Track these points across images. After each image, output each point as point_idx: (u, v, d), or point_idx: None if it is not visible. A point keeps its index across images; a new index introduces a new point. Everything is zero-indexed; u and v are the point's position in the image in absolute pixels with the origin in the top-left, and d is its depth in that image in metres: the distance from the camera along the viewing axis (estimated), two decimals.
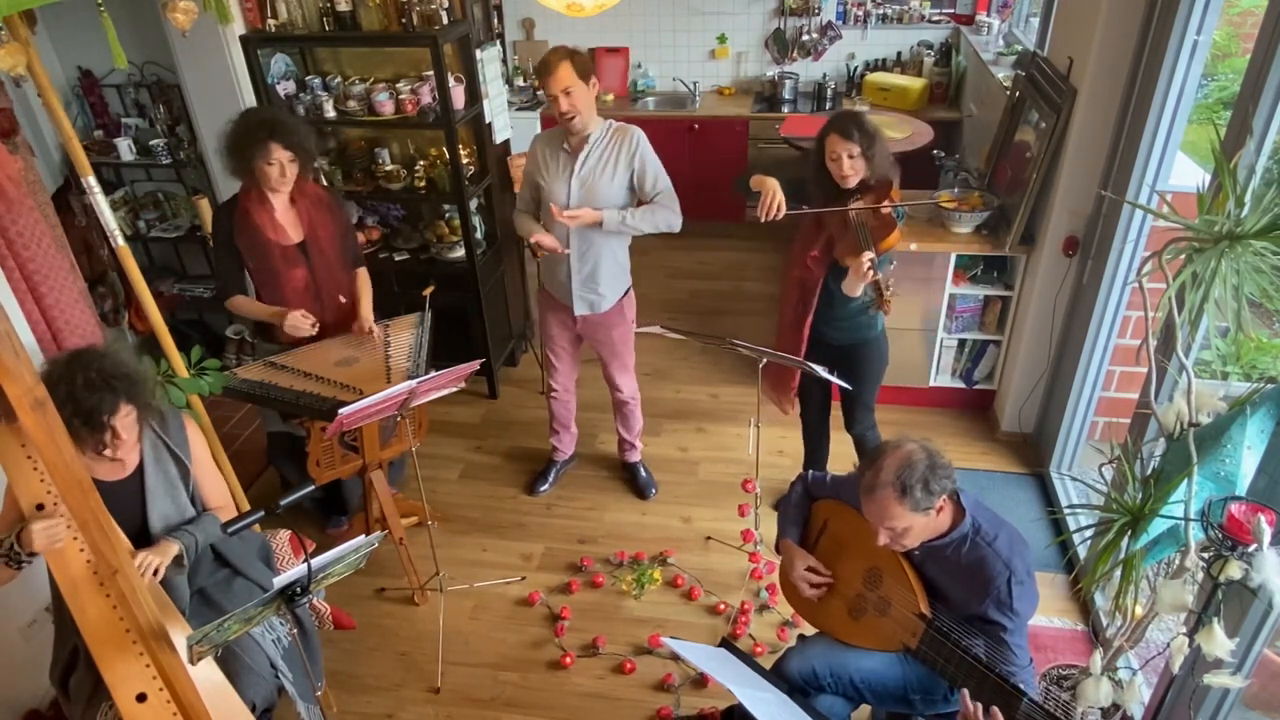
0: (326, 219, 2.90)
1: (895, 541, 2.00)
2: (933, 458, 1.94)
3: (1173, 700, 2.06)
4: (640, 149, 2.92)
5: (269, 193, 2.78)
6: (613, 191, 2.93)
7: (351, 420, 2.49)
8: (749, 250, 5.57)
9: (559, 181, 2.95)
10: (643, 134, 2.95)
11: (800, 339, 2.92)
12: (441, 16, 3.41)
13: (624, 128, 2.95)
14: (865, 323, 2.89)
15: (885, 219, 2.61)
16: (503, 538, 3.42)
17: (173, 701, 1.86)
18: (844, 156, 2.62)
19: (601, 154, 2.92)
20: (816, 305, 2.85)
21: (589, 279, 3.07)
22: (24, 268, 2.48)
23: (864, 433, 3.13)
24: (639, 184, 2.96)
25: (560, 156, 2.96)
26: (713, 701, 2.72)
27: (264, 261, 2.84)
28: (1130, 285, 3.00)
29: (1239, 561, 1.66)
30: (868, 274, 2.50)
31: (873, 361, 2.98)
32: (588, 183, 2.92)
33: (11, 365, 1.36)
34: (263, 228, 2.79)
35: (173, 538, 2.13)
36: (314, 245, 2.87)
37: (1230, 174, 1.77)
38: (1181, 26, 2.60)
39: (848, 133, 2.59)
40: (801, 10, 5.53)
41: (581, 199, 2.92)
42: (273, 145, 2.65)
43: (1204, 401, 1.88)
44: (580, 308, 3.14)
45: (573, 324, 3.22)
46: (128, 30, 3.88)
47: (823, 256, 2.77)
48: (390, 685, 2.84)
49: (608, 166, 2.91)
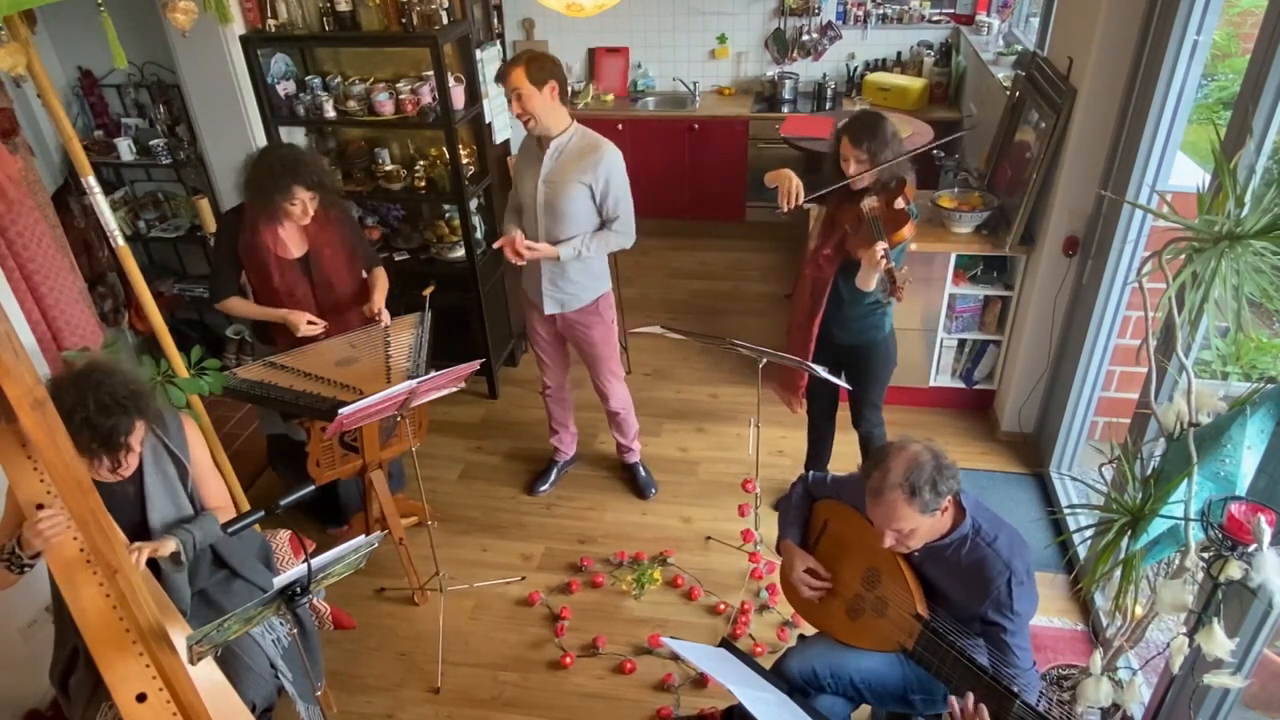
0: (333, 234, 2.90)
1: (900, 543, 2.00)
2: (938, 458, 1.94)
3: (1173, 700, 2.06)
4: (607, 170, 2.91)
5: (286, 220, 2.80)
6: (572, 200, 2.94)
7: (351, 420, 2.49)
8: (749, 250, 5.57)
9: (528, 180, 2.99)
10: (617, 155, 2.93)
11: (809, 337, 2.93)
12: (441, 16, 3.41)
13: (598, 142, 2.92)
14: (874, 323, 2.90)
15: (898, 213, 2.63)
16: (503, 538, 3.42)
17: (173, 701, 1.86)
18: (851, 160, 2.67)
19: (566, 159, 2.93)
20: (826, 305, 2.86)
21: (556, 278, 3.11)
22: (24, 268, 2.48)
23: (870, 431, 3.15)
24: (600, 203, 2.99)
25: (532, 157, 3.00)
26: (713, 701, 2.72)
27: (265, 275, 2.85)
28: (1130, 285, 3.00)
29: (1239, 561, 1.66)
30: (880, 263, 2.53)
31: (881, 361, 2.99)
32: (552, 184, 2.94)
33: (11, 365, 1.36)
34: (268, 242, 2.81)
35: (170, 535, 2.12)
36: (316, 260, 2.88)
37: (1230, 174, 1.77)
38: (1181, 26, 2.60)
39: (856, 140, 2.64)
40: (801, 10, 5.53)
41: (545, 198, 2.95)
42: (296, 188, 2.67)
43: (1204, 401, 1.88)
44: (550, 306, 3.17)
45: (551, 322, 3.25)
46: (128, 30, 3.88)
47: (835, 255, 2.79)
48: (390, 685, 2.84)
49: (569, 172, 2.93)
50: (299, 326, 2.82)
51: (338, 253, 2.92)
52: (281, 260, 2.83)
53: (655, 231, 5.41)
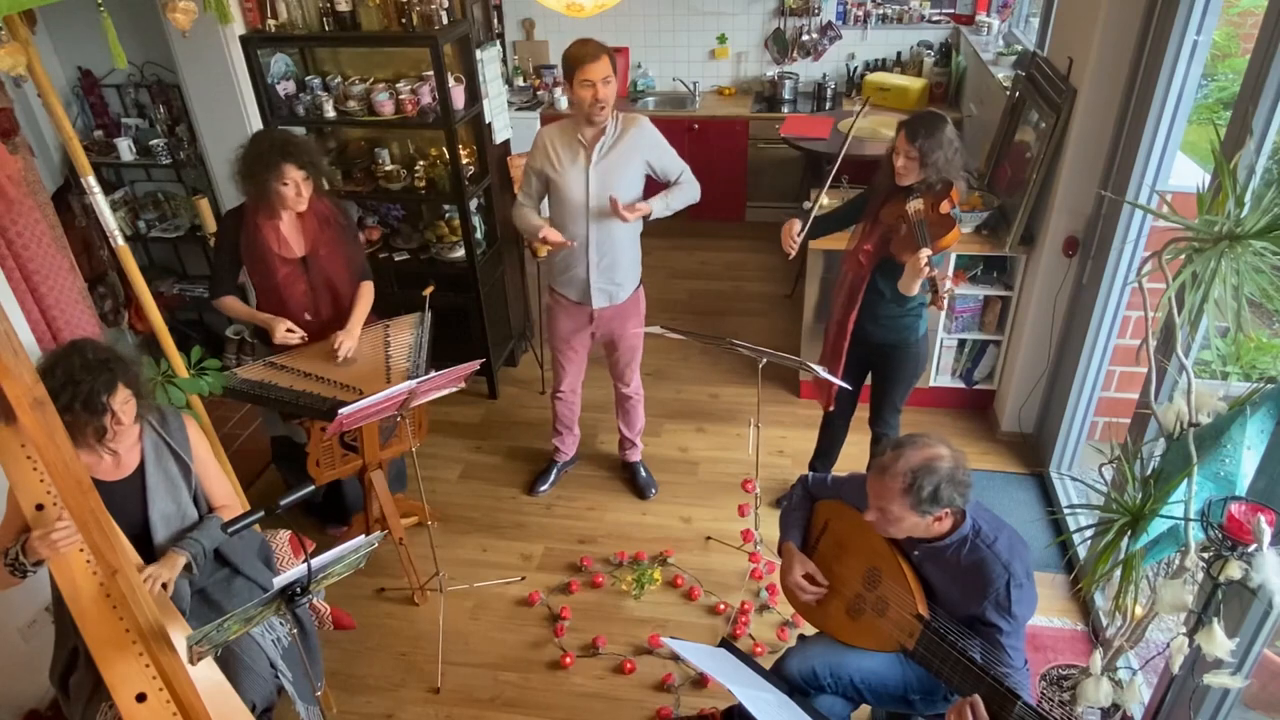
0: (331, 235, 2.90)
1: (882, 524, 2.02)
2: (955, 472, 1.93)
3: (1173, 700, 2.06)
4: (654, 140, 2.99)
5: (282, 210, 2.79)
6: (629, 181, 2.95)
7: (351, 420, 2.49)
8: (749, 250, 5.57)
9: (574, 174, 2.94)
10: (649, 122, 3.00)
11: (844, 333, 2.92)
12: (441, 16, 3.41)
13: (631, 117, 2.98)
14: (909, 324, 2.89)
15: (944, 219, 2.61)
16: (503, 538, 3.42)
17: (172, 701, 1.86)
18: (902, 155, 2.65)
19: (618, 145, 2.93)
20: (865, 301, 2.85)
21: (608, 270, 3.08)
22: (24, 268, 2.48)
23: (886, 432, 3.14)
24: (663, 173, 3.03)
25: (574, 148, 2.95)
26: (713, 701, 2.72)
27: (266, 274, 2.85)
28: (1130, 285, 3.00)
29: (1239, 561, 1.66)
30: (924, 270, 2.53)
31: (910, 364, 2.98)
32: (606, 174, 2.93)
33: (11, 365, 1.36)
34: (268, 241, 2.81)
35: (179, 549, 2.13)
36: (315, 261, 2.88)
37: (1230, 174, 1.77)
38: (1181, 27, 2.60)
39: (912, 134, 2.62)
40: (801, 10, 5.53)
41: (600, 190, 2.93)
42: (286, 166, 2.66)
43: (1204, 401, 1.88)
44: (599, 300, 3.13)
45: (588, 322, 3.21)
46: (128, 30, 3.88)
47: (875, 252, 2.78)
48: (390, 685, 2.84)
49: (623, 157, 2.93)
50: (277, 332, 2.81)
51: (335, 254, 2.91)
52: (282, 259, 2.83)
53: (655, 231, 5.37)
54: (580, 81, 2.78)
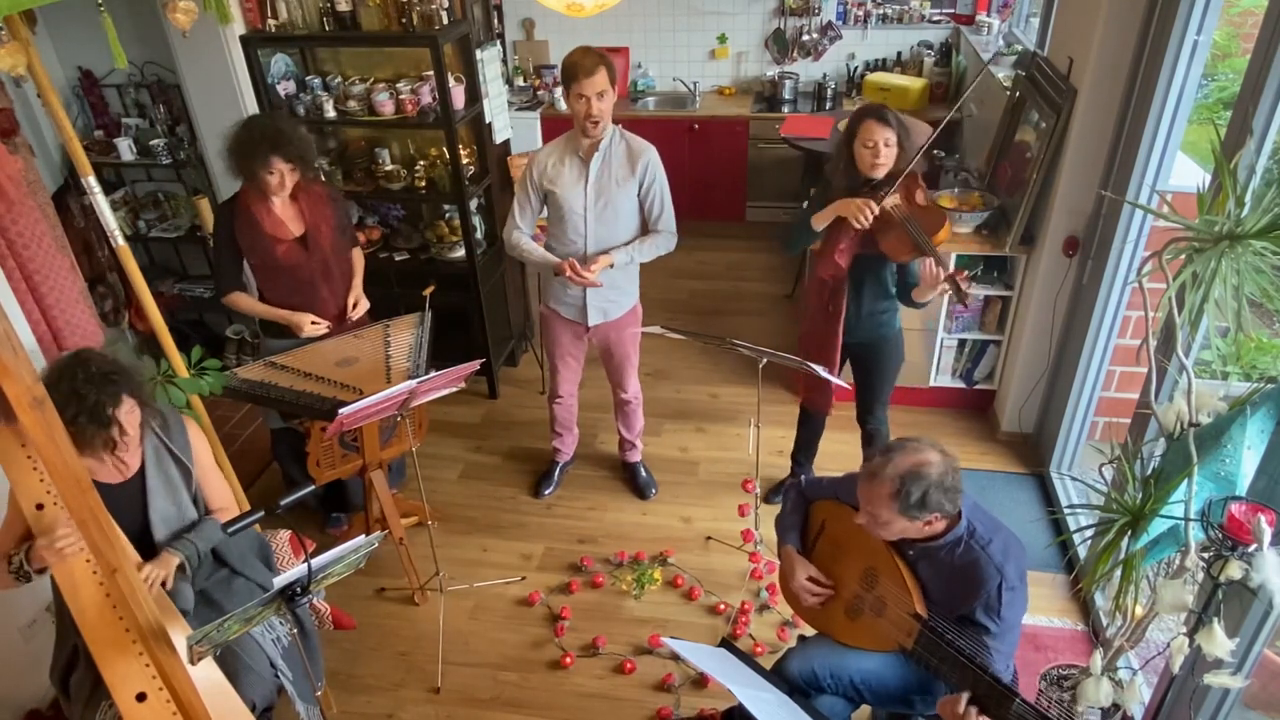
0: (327, 212, 2.91)
1: (873, 527, 2.02)
2: (945, 478, 1.92)
3: (1173, 700, 2.06)
4: (653, 167, 2.93)
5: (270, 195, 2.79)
6: (624, 197, 2.93)
7: (351, 420, 2.49)
8: (749, 250, 5.57)
9: (574, 189, 2.92)
10: (656, 153, 2.95)
11: (834, 341, 2.89)
12: (441, 16, 3.41)
13: (637, 139, 2.95)
14: (885, 320, 2.90)
15: (931, 210, 2.59)
16: (503, 538, 3.42)
17: (172, 701, 1.86)
18: (880, 144, 2.59)
19: (613, 160, 2.91)
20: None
21: (606, 289, 3.05)
22: (24, 268, 2.48)
23: (877, 428, 3.15)
24: (646, 204, 2.97)
25: (572, 163, 2.92)
26: (713, 702, 2.72)
27: (264, 257, 2.85)
28: (1130, 285, 2.99)
29: (1239, 561, 1.66)
30: (939, 280, 2.51)
31: (891, 358, 3.00)
32: (602, 188, 2.91)
33: (11, 365, 1.36)
34: (262, 223, 2.80)
35: (173, 549, 2.13)
36: (315, 239, 2.88)
37: (1230, 174, 1.77)
38: (1181, 26, 2.60)
39: (885, 119, 2.57)
40: (801, 10, 5.53)
41: (598, 204, 2.92)
42: (274, 158, 2.67)
43: (1204, 401, 1.88)
44: (595, 318, 3.12)
45: (584, 332, 3.21)
46: (128, 30, 3.88)
47: (850, 252, 2.75)
48: (390, 685, 2.84)
49: (617, 173, 2.91)
50: (303, 327, 2.82)
51: (332, 229, 2.93)
52: (281, 240, 2.83)
53: None
54: (575, 95, 2.77)
